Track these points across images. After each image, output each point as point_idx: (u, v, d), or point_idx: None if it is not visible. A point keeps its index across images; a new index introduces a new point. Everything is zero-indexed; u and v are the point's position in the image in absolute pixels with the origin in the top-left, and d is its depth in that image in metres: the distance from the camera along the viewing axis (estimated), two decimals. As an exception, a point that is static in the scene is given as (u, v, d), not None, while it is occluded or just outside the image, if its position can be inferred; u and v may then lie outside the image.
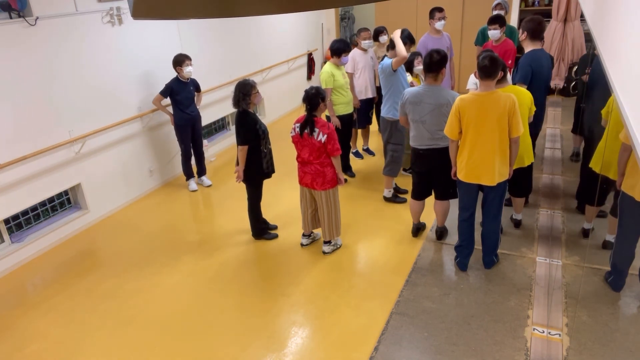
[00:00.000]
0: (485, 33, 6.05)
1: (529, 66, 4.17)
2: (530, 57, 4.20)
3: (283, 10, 1.41)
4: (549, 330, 3.23)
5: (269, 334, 3.39)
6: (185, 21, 6.01)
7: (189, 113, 5.44)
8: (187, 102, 5.40)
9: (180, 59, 5.26)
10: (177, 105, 5.37)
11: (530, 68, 4.16)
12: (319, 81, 5.49)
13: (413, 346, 3.18)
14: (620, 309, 3.38)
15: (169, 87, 5.31)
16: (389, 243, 4.40)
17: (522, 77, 4.15)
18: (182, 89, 5.35)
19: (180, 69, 5.26)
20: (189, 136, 5.54)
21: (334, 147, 3.90)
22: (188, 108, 5.42)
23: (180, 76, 5.31)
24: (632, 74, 1.12)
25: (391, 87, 4.71)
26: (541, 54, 4.23)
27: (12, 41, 4.16)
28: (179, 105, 5.37)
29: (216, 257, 4.37)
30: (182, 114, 5.40)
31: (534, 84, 4.12)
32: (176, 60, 5.27)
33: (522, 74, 4.16)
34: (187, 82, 5.38)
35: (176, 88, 5.32)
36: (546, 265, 3.91)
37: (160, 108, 5.43)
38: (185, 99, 5.37)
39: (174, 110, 5.42)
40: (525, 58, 4.23)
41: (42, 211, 4.79)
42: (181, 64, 5.25)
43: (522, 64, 4.21)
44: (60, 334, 3.52)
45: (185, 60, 5.27)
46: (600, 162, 3.80)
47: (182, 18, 1.99)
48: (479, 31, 6.27)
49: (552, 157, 5.95)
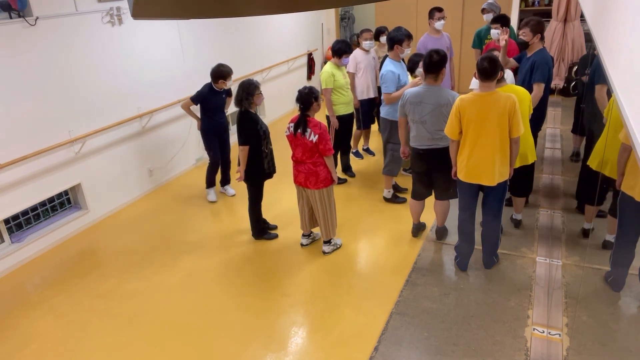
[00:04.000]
0: (482, 35, 6.05)
1: (546, 64, 4.21)
2: (545, 57, 4.25)
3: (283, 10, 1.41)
4: (549, 330, 3.23)
5: (269, 334, 3.39)
6: (185, 21, 6.00)
7: (217, 120, 5.20)
8: (217, 109, 5.17)
9: (225, 71, 4.99)
10: (206, 112, 5.16)
11: (548, 66, 4.21)
12: (319, 81, 5.50)
13: (413, 346, 3.18)
14: (620, 309, 3.38)
15: (202, 95, 5.06)
16: (389, 243, 4.40)
17: (542, 76, 4.19)
18: (215, 97, 5.10)
19: (224, 82, 5.01)
20: (217, 143, 5.29)
21: (325, 147, 3.91)
22: (217, 115, 5.19)
23: (216, 86, 5.06)
24: (632, 74, 1.12)
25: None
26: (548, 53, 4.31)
27: (12, 41, 4.16)
28: (208, 112, 5.15)
29: (216, 257, 4.37)
30: (210, 121, 5.17)
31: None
32: (220, 73, 4.98)
33: (542, 73, 4.19)
34: (220, 91, 5.12)
35: (209, 97, 5.07)
36: (546, 265, 3.92)
37: (188, 112, 5.21)
38: (216, 107, 5.15)
39: (202, 116, 5.20)
40: (542, 57, 4.25)
41: (42, 211, 4.79)
42: (225, 78, 4.99)
43: (541, 63, 4.21)
44: (60, 334, 3.52)
45: (231, 74, 5.04)
46: (597, 160, 3.81)
47: (182, 18, 1.99)
48: (475, 34, 6.26)
49: (552, 157, 5.95)
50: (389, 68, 4.65)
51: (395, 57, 4.76)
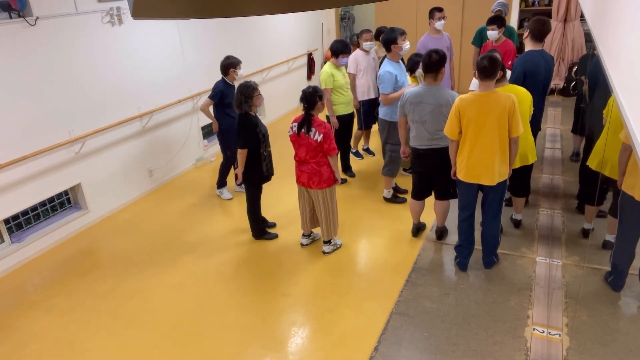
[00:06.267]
0: (483, 34, 6.06)
1: (520, 67, 4.14)
2: (523, 59, 4.17)
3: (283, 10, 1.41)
4: (549, 330, 3.23)
5: (269, 334, 3.39)
6: (185, 21, 6.01)
7: (234, 116, 5.06)
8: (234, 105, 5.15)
9: (235, 61, 5.00)
10: (225, 110, 5.06)
11: (523, 69, 4.12)
12: (319, 81, 5.50)
13: (413, 346, 3.18)
14: (620, 309, 3.38)
15: (220, 91, 5.00)
16: (389, 243, 4.40)
17: (513, 80, 4.08)
18: (230, 91, 5.01)
19: (234, 71, 4.99)
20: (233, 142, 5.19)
21: (330, 147, 3.91)
22: (234, 111, 5.07)
23: (228, 79, 5.03)
24: (632, 74, 1.12)
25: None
26: (537, 55, 4.17)
27: (12, 41, 4.16)
28: (227, 109, 5.05)
29: (216, 257, 4.37)
30: (230, 119, 5.03)
31: (529, 86, 4.01)
32: (230, 62, 4.99)
33: (513, 76, 4.11)
34: (232, 84, 5.07)
35: (226, 91, 5.01)
36: (546, 265, 3.92)
37: (207, 114, 5.13)
38: (232, 101, 4.98)
39: (220, 115, 5.11)
40: (519, 60, 4.22)
41: (42, 211, 4.79)
42: (235, 67, 4.99)
43: (514, 66, 4.19)
44: (60, 334, 3.52)
45: (240, 63, 5.02)
46: (597, 160, 3.81)
47: (182, 18, 1.99)
48: (477, 31, 6.27)
49: (552, 157, 5.95)
50: (387, 69, 4.65)
51: (393, 57, 4.76)
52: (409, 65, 4.91)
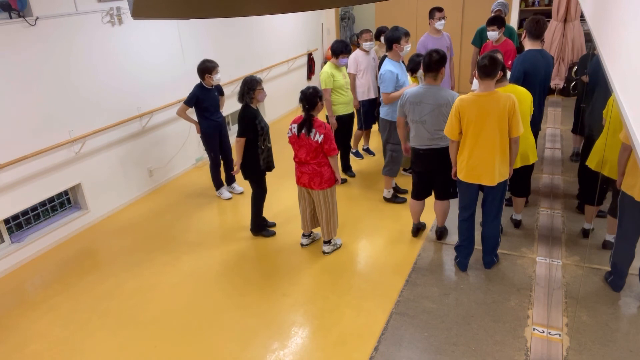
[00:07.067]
0: (483, 34, 6.07)
1: (520, 66, 4.15)
2: (522, 58, 4.18)
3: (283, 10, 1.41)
4: (549, 330, 3.23)
5: (269, 334, 3.39)
6: (185, 21, 6.01)
7: (215, 120, 5.16)
8: (212, 108, 5.12)
9: (210, 66, 4.96)
10: (203, 113, 5.09)
11: (522, 68, 4.14)
12: (318, 81, 5.50)
13: (413, 346, 3.18)
14: (620, 309, 3.38)
15: (194, 96, 5.00)
16: (389, 243, 4.40)
17: (513, 79, 4.10)
18: (207, 95, 5.05)
19: (210, 77, 4.97)
20: (217, 144, 5.25)
21: (330, 147, 3.91)
22: (214, 115, 5.14)
23: (205, 83, 5.03)
24: (632, 74, 1.12)
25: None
26: (536, 55, 4.18)
27: (12, 41, 4.16)
28: (205, 112, 5.09)
29: (216, 257, 4.37)
30: (209, 122, 5.12)
31: (528, 86, 4.02)
32: (205, 67, 4.96)
33: (513, 75, 4.12)
34: (211, 88, 5.09)
35: (201, 96, 5.02)
36: (546, 265, 3.92)
37: (185, 118, 5.16)
38: (211, 105, 5.08)
39: (199, 119, 5.15)
40: (518, 59, 4.22)
41: (42, 211, 4.79)
42: (210, 72, 4.95)
43: (514, 65, 4.20)
44: (60, 334, 3.52)
45: (216, 68, 4.99)
46: (596, 160, 3.81)
47: (182, 18, 1.99)
48: (477, 31, 6.28)
49: (552, 157, 5.95)
50: (388, 68, 4.65)
51: (394, 57, 4.76)
52: (410, 65, 4.91)
